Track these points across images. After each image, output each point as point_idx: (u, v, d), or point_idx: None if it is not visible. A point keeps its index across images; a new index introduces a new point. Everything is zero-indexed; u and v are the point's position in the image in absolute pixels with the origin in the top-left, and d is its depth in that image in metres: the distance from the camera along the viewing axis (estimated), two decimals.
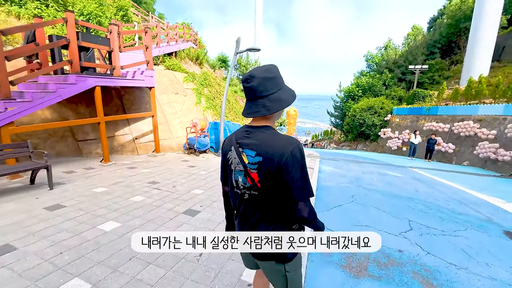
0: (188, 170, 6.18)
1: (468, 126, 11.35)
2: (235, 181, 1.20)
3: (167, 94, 9.83)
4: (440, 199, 5.42)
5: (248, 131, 1.18)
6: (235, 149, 1.17)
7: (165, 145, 8.64)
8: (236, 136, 1.21)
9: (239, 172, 1.16)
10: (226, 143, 1.26)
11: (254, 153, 1.11)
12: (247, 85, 1.13)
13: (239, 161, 1.15)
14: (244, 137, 1.17)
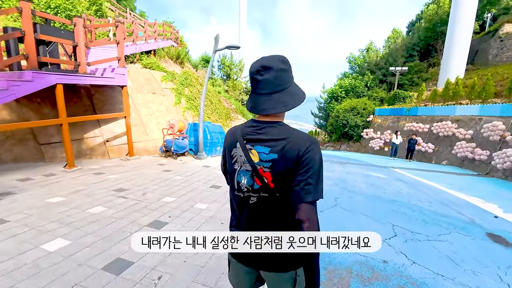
0: (163, 175, 5.74)
1: (447, 126, 11.61)
2: (237, 182, 1.06)
3: (143, 93, 9.29)
4: (423, 200, 5.32)
5: (257, 126, 1.04)
6: (241, 146, 1.03)
7: (140, 148, 8.11)
8: (242, 132, 1.06)
9: (245, 172, 1.03)
10: (229, 139, 1.11)
11: (268, 150, 0.98)
12: (261, 77, 0.99)
13: (246, 159, 1.02)
14: (254, 133, 1.03)
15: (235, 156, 1.06)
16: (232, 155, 1.07)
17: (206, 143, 8.49)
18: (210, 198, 4.35)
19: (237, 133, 1.07)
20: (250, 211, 1.04)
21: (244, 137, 1.04)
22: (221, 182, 5.42)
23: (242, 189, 1.04)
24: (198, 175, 5.91)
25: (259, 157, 0.99)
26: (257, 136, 1.01)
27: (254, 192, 1.01)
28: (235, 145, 1.06)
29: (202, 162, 7.56)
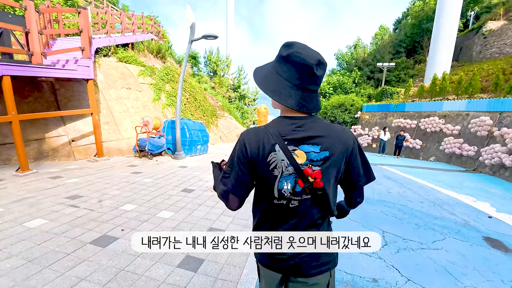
0: (130, 177, 5.13)
1: (434, 122, 11.47)
2: (279, 190, 0.92)
3: (116, 89, 8.57)
4: (414, 201, 4.97)
5: (296, 123, 0.92)
6: (283, 149, 0.90)
7: (112, 148, 7.43)
8: (279, 132, 0.91)
9: (287, 176, 0.91)
10: (257, 144, 0.91)
11: (318, 147, 0.91)
12: (321, 72, 0.90)
13: (289, 162, 0.90)
14: (295, 131, 0.91)
15: (275, 162, 0.91)
16: (270, 161, 0.91)
17: (185, 142, 7.90)
18: (178, 205, 3.81)
19: (272, 135, 0.91)
20: (291, 216, 0.96)
21: (284, 137, 0.91)
22: (195, 185, 4.88)
23: (284, 195, 0.93)
24: (171, 177, 5.34)
25: (307, 157, 0.91)
26: (301, 135, 0.91)
27: (295, 196, 0.93)
28: (273, 149, 0.91)
29: (179, 162, 6.98)
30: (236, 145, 0.95)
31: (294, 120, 0.92)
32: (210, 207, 3.81)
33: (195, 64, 28.31)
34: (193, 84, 15.98)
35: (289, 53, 0.88)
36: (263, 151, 0.90)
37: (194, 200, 4.03)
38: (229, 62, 28.68)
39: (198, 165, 6.78)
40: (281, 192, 0.92)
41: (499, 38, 21.15)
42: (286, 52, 0.89)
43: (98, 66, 8.56)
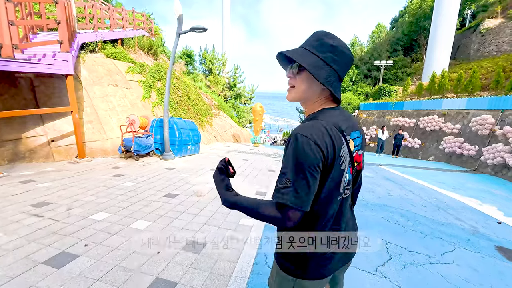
0: (109, 181, 4.72)
1: (433, 121, 11.17)
2: (345, 181, 0.89)
3: (102, 86, 8.12)
4: (416, 204, 4.63)
5: (341, 113, 0.93)
6: (346, 141, 0.87)
7: (96, 148, 6.99)
8: (336, 124, 0.86)
9: (348, 166, 0.89)
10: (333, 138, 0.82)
11: (359, 132, 0.96)
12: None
13: (349, 152, 0.88)
14: (344, 121, 0.91)
15: (343, 155, 0.86)
16: (341, 155, 0.84)
17: (174, 142, 7.48)
18: (157, 212, 3.41)
19: (334, 127, 0.85)
20: (345, 207, 0.95)
21: (341, 129, 0.87)
22: (180, 189, 4.48)
23: (345, 187, 0.90)
24: (155, 180, 4.93)
25: (355, 143, 0.93)
26: (347, 123, 0.91)
27: (349, 185, 0.93)
28: (342, 143, 0.85)
29: (167, 164, 6.57)
30: (298, 150, 0.79)
31: (338, 111, 0.93)
32: (193, 215, 3.42)
33: (190, 62, 27.80)
34: (186, 82, 15.54)
35: (337, 45, 0.86)
36: (336, 148, 0.83)
37: (176, 207, 3.64)
38: (225, 60, 28.22)
39: (186, 167, 6.37)
40: (344, 183, 0.88)
41: (497, 36, 20.99)
42: (333, 42, 0.86)
43: (82, 62, 8.11)
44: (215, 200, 4.04)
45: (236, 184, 5.02)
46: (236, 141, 17.92)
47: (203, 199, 4.05)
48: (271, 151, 11.77)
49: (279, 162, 8.09)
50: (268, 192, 4.65)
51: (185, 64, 26.38)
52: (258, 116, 15.55)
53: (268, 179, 5.66)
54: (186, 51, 27.74)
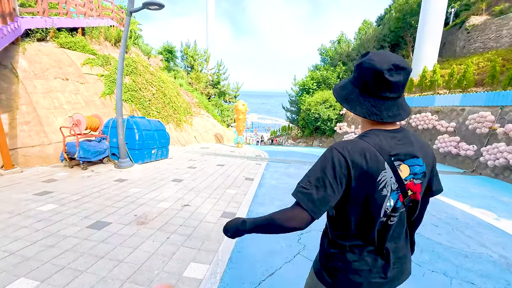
0: (23, 204, 3.49)
1: (426, 118, 10.47)
2: (386, 208, 0.87)
3: (47, 79, 6.75)
4: (426, 223, 3.68)
5: (396, 137, 0.88)
6: (390, 166, 0.85)
7: (32, 155, 5.66)
8: (381, 147, 0.85)
9: (393, 193, 0.87)
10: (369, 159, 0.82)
11: (421, 160, 0.90)
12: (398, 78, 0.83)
13: (395, 179, 0.86)
14: (399, 145, 0.87)
15: (384, 180, 0.85)
16: (379, 180, 0.84)
17: (133, 145, 6.26)
18: (65, 259, 2.25)
19: (377, 150, 0.84)
20: (391, 232, 0.92)
21: (390, 154, 0.85)
22: (117, 214, 3.31)
23: (386, 213, 0.88)
24: (90, 200, 3.74)
25: (411, 171, 0.89)
26: (405, 149, 0.88)
27: (395, 212, 0.89)
28: (383, 167, 0.84)
29: (120, 174, 5.35)
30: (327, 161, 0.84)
31: (393, 134, 0.89)
32: (116, 261, 2.28)
33: (171, 58, 26.27)
34: (162, 78, 14.20)
35: (362, 61, 0.88)
36: (372, 170, 0.83)
37: (96, 247, 2.49)
38: (208, 56, 26.89)
39: (143, 177, 5.19)
40: (385, 211, 0.88)
41: (482, 33, 20.86)
42: (360, 60, 0.89)
43: (22, 51, 6.72)
44: (161, 230, 2.92)
45: (196, 202, 3.91)
46: (218, 142, 16.75)
47: (144, 229, 2.92)
48: (255, 152, 10.71)
49: (261, 167, 7.04)
50: (238, 213, 3.57)
51: (166, 60, 24.89)
52: (241, 115, 14.45)
53: (242, 192, 4.57)
54: (167, 47, 26.21)
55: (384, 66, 0.82)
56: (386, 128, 0.90)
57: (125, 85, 9.99)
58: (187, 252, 2.51)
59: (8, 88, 5.83)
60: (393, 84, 0.83)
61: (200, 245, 2.66)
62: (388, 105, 0.86)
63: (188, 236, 2.83)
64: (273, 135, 36.86)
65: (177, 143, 11.83)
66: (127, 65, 10.88)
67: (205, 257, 2.43)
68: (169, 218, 3.25)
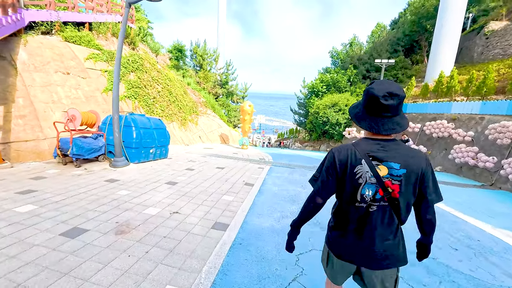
0: (1, 204, 3.23)
1: (442, 126, 9.88)
2: (361, 195, 1.20)
3: (47, 73, 6.59)
4: (443, 245, 3.23)
5: (381, 144, 1.20)
6: (367, 163, 1.18)
7: (26, 150, 5.47)
8: (365, 150, 1.20)
9: (370, 185, 1.18)
10: (348, 157, 1.21)
11: (399, 165, 1.15)
12: (391, 102, 1.14)
13: (372, 174, 1.17)
14: (380, 151, 1.19)
15: (361, 172, 1.18)
16: (356, 171, 1.19)
17: (130, 144, 6.01)
18: (21, 275, 1.94)
19: (357, 151, 1.20)
20: (370, 218, 1.21)
21: (369, 154, 1.18)
22: (97, 219, 3.01)
23: (365, 200, 1.20)
24: (74, 201, 3.46)
25: (389, 172, 1.16)
26: (384, 154, 1.18)
27: (375, 202, 1.19)
28: (359, 163, 1.18)
29: (112, 173, 5.09)
30: (325, 158, 1.27)
31: (379, 142, 1.21)
32: (82, 279, 1.96)
33: (181, 57, 26.24)
34: (169, 76, 14.03)
35: (367, 88, 1.20)
36: (351, 163, 1.19)
37: (66, 258, 2.18)
38: (217, 56, 26.70)
39: (137, 178, 4.90)
40: (363, 197, 1.19)
41: (502, 38, 19.94)
42: (367, 87, 1.21)
43: (23, 43, 6.58)
44: (141, 242, 2.60)
45: (187, 210, 3.57)
46: (224, 142, 16.47)
47: (122, 240, 2.60)
48: (259, 155, 10.36)
49: (263, 171, 6.68)
50: (231, 224, 3.22)
51: (176, 59, 24.86)
52: (247, 116, 14.14)
53: (239, 199, 4.22)
54: (177, 45, 26.20)
55: (380, 93, 1.12)
56: (378, 137, 1.21)
57: (129, 82, 9.83)
58: (165, 271, 2.17)
59: (5, 79, 5.68)
60: (387, 106, 1.13)
61: (181, 263, 2.32)
62: (384, 121, 1.18)
63: (170, 251, 2.49)
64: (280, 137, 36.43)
65: (181, 143, 11.60)
66: (133, 61, 10.75)
67: (185, 280, 2.09)
68: (153, 228, 2.92)
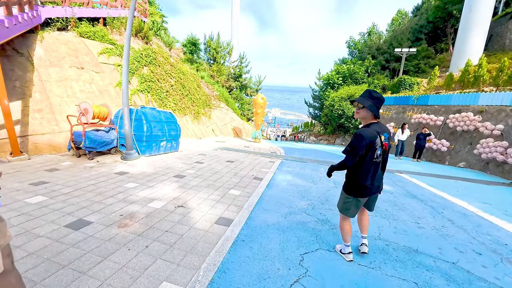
0: (13, 194, 3.33)
1: (467, 119, 9.21)
2: (377, 154, 2.19)
3: (62, 67, 6.76)
4: (465, 249, 2.97)
5: (378, 125, 2.23)
6: (379, 137, 2.18)
7: (42, 143, 5.66)
8: (376, 130, 2.18)
9: (379, 148, 2.19)
10: (371, 136, 2.14)
11: (386, 134, 2.24)
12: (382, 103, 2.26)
13: (381, 142, 2.19)
14: (379, 128, 2.21)
15: (377, 143, 2.17)
16: (376, 142, 2.16)
17: (141, 137, 6.06)
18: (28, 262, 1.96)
19: (374, 132, 2.17)
20: (376, 167, 2.26)
21: (377, 131, 2.18)
22: (102, 212, 3.02)
23: (378, 157, 2.21)
24: (82, 193, 3.51)
25: (384, 138, 2.22)
26: (381, 129, 2.22)
27: (379, 157, 2.23)
28: (377, 137, 2.17)
29: (123, 166, 5.15)
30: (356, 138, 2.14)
31: (377, 124, 2.23)
32: (80, 272, 1.94)
33: (195, 51, 26.29)
34: (183, 70, 14.07)
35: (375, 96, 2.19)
36: (373, 139, 2.13)
37: (67, 250, 2.18)
38: (231, 49, 26.49)
39: (146, 171, 4.93)
40: (377, 155, 2.20)
41: None
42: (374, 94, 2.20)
43: (40, 39, 6.76)
44: (142, 236, 2.56)
45: (192, 203, 3.52)
46: (237, 136, 16.41)
47: (124, 233, 2.58)
48: (271, 148, 10.20)
49: (274, 165, 6.54)
50: (235, 219, 3.13)
51: (190, 53, 24.93)
52: (259, 109, 13.95)
53: (246, 193, 4.12)
54: (191, 39, 26.24)
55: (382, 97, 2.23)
56: (375, 121, 2.25)
57: (142, 76, 9.93)
58: (163, 266, 2.11)
59: (22, 75, 5.87)
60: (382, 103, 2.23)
61: (181, 259, 2.25)
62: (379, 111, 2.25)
63: (170, 246, 2.44)
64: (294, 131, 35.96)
65: (193, 136, 11.66)
66: (146, 55, 10.83)
67: (182, 276, 2.02)
68: (156, 221, 2.89)
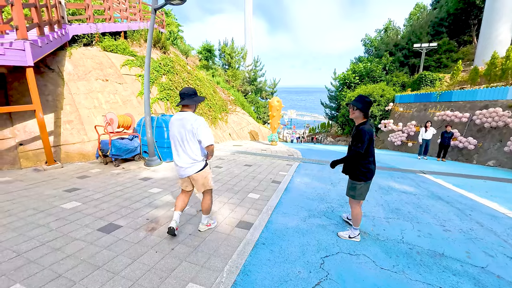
0: (50, 201, 3.62)
1: (496, 115, 8.71)
2: (374, 144, 3.14)
3: (89, 81, 7.22)
4: (496, 253, 2.84)
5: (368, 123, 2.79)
6: (374, 130, 5.10)
7: (73, 152, 6.07)
8: (371, 125, 2.90)
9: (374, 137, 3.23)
10: (372, 131, 2.71)
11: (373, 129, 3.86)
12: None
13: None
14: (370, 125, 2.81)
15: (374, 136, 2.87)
16: (374, 136, 2.75)
17: (162, 143, 6.32)
18: (63, 266, 2.15)
19: (371, 127, 2.73)
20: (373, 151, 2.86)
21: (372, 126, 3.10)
22: (130, 216, 3.21)
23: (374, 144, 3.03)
24: (111, 199, 3.74)
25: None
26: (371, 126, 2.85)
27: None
28: (373, 131, 2.82)
29: (146, 172, 5.40)
30: (366, 134, 2.61)
31: (369, 122, 2.74)
32: (111, 273, 2.10)
33: (210, 57, 26.91)
34: (199, 77, 14.46)
35: (368, 100, 2.72)
36: (372, 134, 2.68)
37: (101, 252, 2.36)
38: (245, 53, 26.87)
39: (168, 176, 5.14)
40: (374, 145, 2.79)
41: None
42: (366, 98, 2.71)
43: (68, 55, 7.28)
44: (168, 239, 2.70)
45: (213, 207, 3.63)
46: (253, 139, 16.54)
47: (152, 237, 2.74)
48: (288, 151, 10.19)
49: (292, 168, 6.55)
50: (255, 223, 3.20)
51: (205, 59, 25.55)
52: (275, 112, 13.97)
53: (265, 197, 4.18)
54: (206, 46, 26.88)
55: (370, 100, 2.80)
56: (365, 120, 2.76)
57: (161, 84, 10.33)
58: (188, 268, 2.23)
59: (54, 90, 6.35)
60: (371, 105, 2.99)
61: (204, 261, 2.36)
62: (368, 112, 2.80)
63: (194, 248, 2.56)
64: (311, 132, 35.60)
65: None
66: (165, 65, 11.26)
67: (207, 278, 2.12)
68: (180, 225, 3.03)
